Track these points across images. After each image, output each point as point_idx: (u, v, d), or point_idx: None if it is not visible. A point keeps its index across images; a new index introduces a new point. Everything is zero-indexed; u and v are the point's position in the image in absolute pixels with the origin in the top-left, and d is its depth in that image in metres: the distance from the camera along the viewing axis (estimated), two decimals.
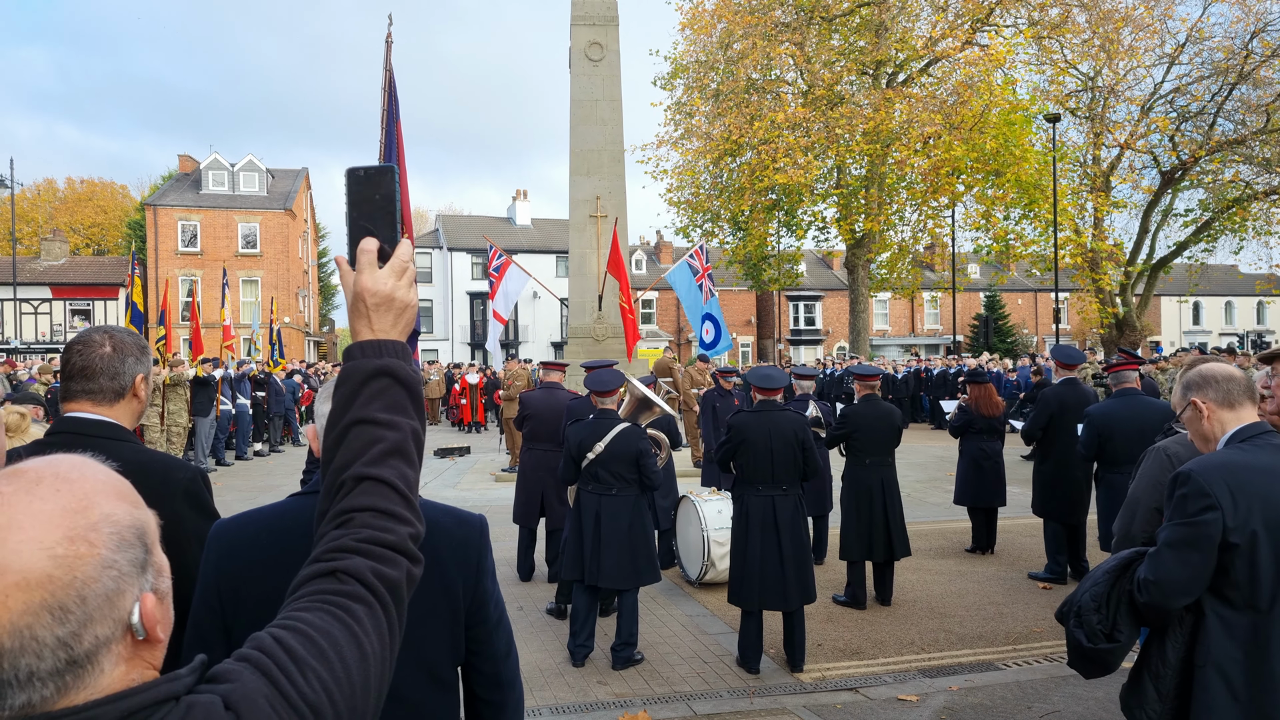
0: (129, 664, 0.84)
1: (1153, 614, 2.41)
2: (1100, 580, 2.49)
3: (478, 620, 1.79)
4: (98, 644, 0.81)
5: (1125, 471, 5.35)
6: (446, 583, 1.75)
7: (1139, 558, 2.45)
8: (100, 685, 0.81)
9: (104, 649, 0.81)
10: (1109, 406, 6.04)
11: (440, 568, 1.75)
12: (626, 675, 5.30)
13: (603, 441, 5.22)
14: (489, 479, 13.71)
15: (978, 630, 6.07)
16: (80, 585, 0.80)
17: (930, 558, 8.19)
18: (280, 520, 1.70)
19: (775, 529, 5.19)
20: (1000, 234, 26.45)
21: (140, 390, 2.11)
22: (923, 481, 13.16)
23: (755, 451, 5.20)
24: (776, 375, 5.41)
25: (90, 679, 0.81)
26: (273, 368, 18.63)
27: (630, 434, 5.27)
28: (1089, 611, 2.50)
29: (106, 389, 2.04)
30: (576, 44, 15.11)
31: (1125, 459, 5.60)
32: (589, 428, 5.33)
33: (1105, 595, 2.47)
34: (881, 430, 6.70)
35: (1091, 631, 2.50)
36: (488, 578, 1.81)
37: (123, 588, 0.83)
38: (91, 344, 2.04)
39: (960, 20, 26.83)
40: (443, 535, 1.77)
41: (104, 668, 0.81)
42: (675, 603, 6.86)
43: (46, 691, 0.78)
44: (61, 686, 0.79)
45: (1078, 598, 2.53)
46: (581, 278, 14.94)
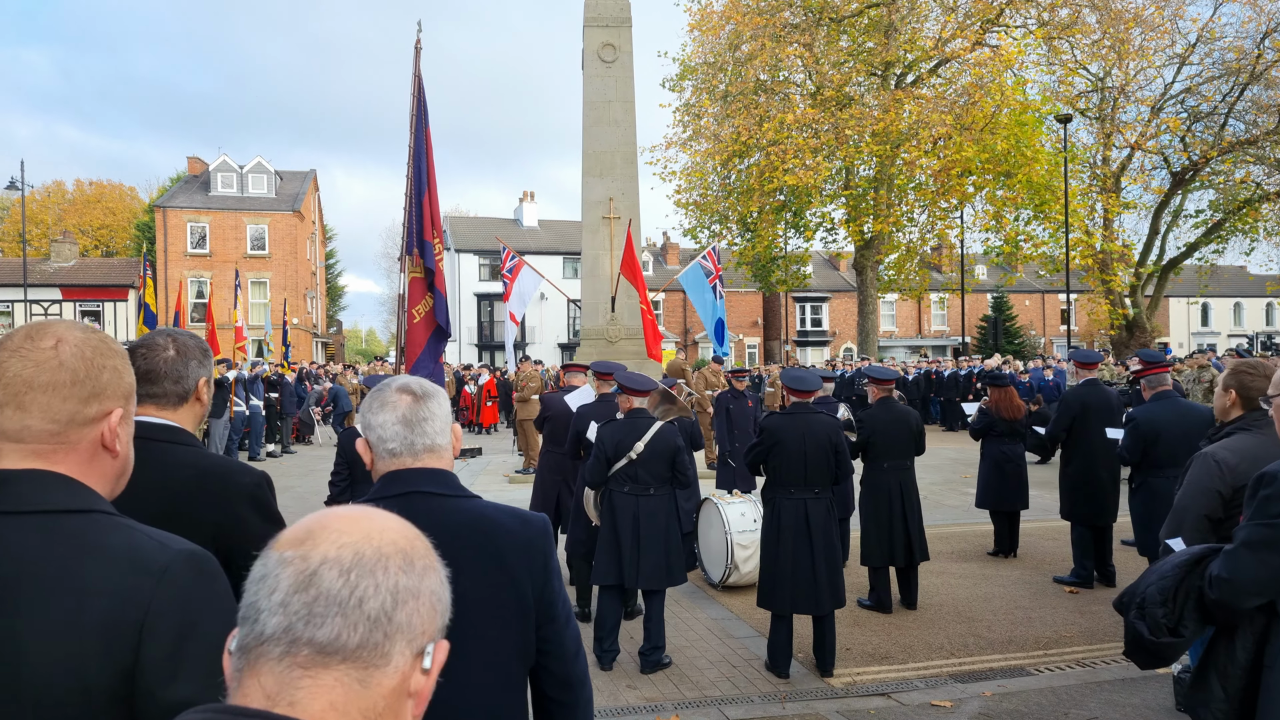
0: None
1: (1222, 612, 2.37)
2: (1169, 574, 2.45)
3: (547, 619, 1.78)
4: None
5: (1168, 475, 5.29)
6: (515, 584, 1.74)
7: (1211, 554, 2.41)
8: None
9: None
10: (1153, 409, 5.96)
11: (507, 569, 1.74)
12: (655, 679, 5.27)
13: (643, 441, 5.18)
14: (503, 480, 13.69)
15: (1007, 635, 6.03)
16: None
17: (952, 561, 8.14)
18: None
19: (807, 532, 5.16)
20: (1011, 235, 26.37)
21: (203, 394, 2.08)
22: (938, 484, 13.09)
23: (788, 454, 5.17)
24: (810, 378, 5.38)
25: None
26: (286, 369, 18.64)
27: (668, 432, 5.25)
28: (1154, 604, 2.46)
29: (170, 393, 2.01)
30: (589, 46, 15.08)
31: (1169, 462, 5.54)
32: (625, 428, 5.28)
33: (1173, 589, 2.43)
34: (899, 434, 6.65)
35: (1155, 624, 2.46)
36: (555, 577, 1.80)
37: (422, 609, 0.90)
38: (155, 347, 2.02)
39: (970, 21, 26.76)
40: (507, 536, 1.76)
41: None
42: (699, 606, 6.83)
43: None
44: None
45: (1141, 589, 2.50)
46: (594, 279, 14.90)
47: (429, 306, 6.22)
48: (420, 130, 5.87)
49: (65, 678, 1.14)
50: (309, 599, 0.82)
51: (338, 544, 0.85)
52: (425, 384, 1.84)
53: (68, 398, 1.27)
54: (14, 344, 1.27)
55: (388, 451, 1.76)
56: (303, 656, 0.81)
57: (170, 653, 1.17)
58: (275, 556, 0.86)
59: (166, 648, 1.17)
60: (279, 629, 0.82)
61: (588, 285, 15.01)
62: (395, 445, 1.75)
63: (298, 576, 0.83)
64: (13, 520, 1.21)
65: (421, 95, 5.93)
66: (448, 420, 1.83)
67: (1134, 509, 6.11)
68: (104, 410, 1.31)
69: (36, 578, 1.17)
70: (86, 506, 1.26)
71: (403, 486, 1.74)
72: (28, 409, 1.25)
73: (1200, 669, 2.55)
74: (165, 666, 1.17)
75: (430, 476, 1.76)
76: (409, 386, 1.81)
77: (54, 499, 1.24)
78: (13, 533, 1.20)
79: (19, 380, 1.25)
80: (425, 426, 1.77)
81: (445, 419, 1.82)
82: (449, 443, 1.82)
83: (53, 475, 1.26)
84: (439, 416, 1.80)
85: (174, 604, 1.19)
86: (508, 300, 13.89)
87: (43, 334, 1.29)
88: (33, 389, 1.25)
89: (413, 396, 1.79)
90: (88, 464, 1.30)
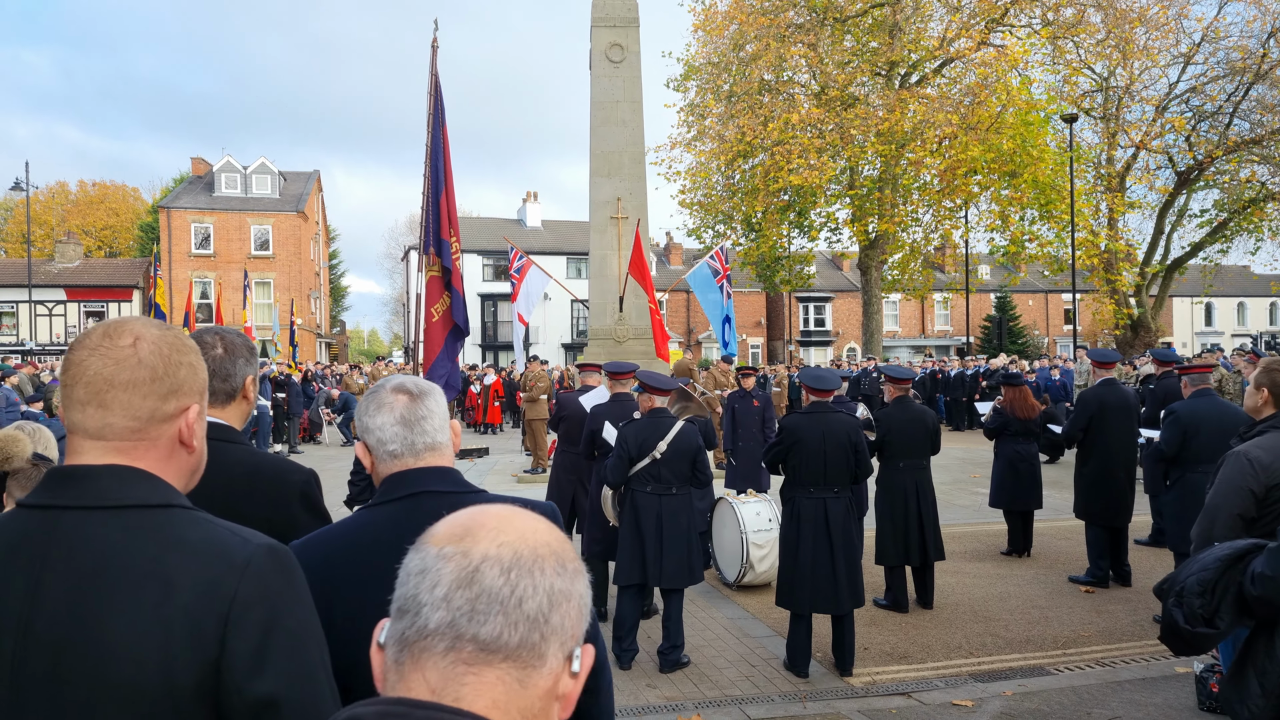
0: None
1: (1264, 608, 2.37)
2: (1210, 566, 2.45)
3: None
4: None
5: (1204, 471, 5.29)
6: None
7: (1255, 549, 2.41)
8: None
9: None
10: (1193, 404, 5.98)
11: None
12: (675, 678, 5.27)
13: (665, 440, 5.19)
14: (511, 480, 13.69)
15: (1024, 634, 6.02)
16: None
17: (967, 560, 8.14)
18: (357, 534, 1.69)
19: (827, 532, 5.16)
20: (1017, 235, 26.36)
21: (250, 392, 2.09)
22: (948, 484, 13.07)
23: (808, 453, 5.17)
24: (830, 376, 5.38)
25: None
26: (293, 368, 18.65)
27: (690, 431, 5.25)
28: (1192, 594, 2.47)
29: (219, 391, 2.02)
30: (597, 46, 15.09)
31: (1208, 458, 5.55)
32: (648, 427, 5.28)
33: (1213, 582, 2.44)
34: (915, 433, 6.66)
35: (1192, 614, 2.47)
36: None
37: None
38: (204, 345, 2.02)
39: (974, 20, 26.75)
40: None
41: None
42: (715, 605, 6.83)
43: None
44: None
45: (1182, 578, 2.51)
46: (602, 279, 14.90)
47: (446, 305, 6.23)
48: (437, 129, 5.87)
49: (152, 672, 1.14)
50: (472, 595, 0.82)
51: (497, 542, 0.85)
52: (421, 382, 1.81)
53: (148, 395, 1.27)
54: (92, 342, 1.28)
55: (388, 454, 1.73)
56: (467, 653, 0.82)
57: (256, 646, 1.18)
58: (434, 551, 0.86)
59: (252, 641, 1.18)
60: (443, 624, 0.82)
61: (595, 285, 15.01)
62: (395, 446, 1.72)
63: (460, 572, 0.83)
64: (96, 515, 1.21)
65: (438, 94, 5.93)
66: (446, 417, 1.80)
67: (1168, 505, 6.13)
68: (182, 406, 1.32)
69: (121, 572, 1.18)
70: (167, 501, 1.26)
71: (410, 487, 1.71)
72: (109, 406, 1.25)
73: (1238, 666, 2.56)
74: (251, 660, 1.17)
75: (436, 475, 1.73)
76: (404, 386, 1.78)
77: (136, 494, 1.24)
78: (96, 528, 1.20)
79: (100, 379, 1.25)
80: (424, 425, 1.74)
81: (443, 416, 1.79)
82: (449, 440, 1.79)
83: (133, 470, 1.26)
84: (437, 414, 1.77)
85: (258, 597, 1.20)
86: (515, 301, 13.88)
87: (121, 331, 1.29)
88: (114, 387, 1.26)
89: (409, 395, 1.76)
90: (166, 459, 1.31)
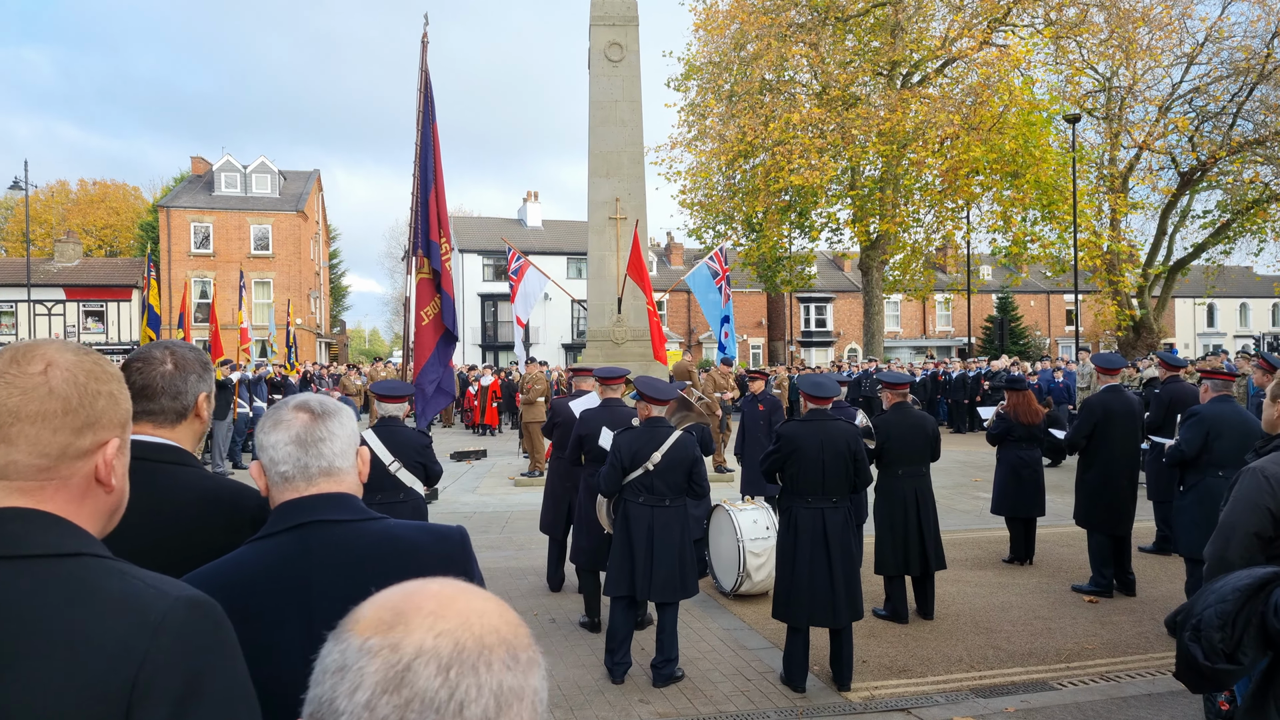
0: None
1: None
2: (1229, 598, 2.30)
3: None
4: None
5: (1229, 475, 5.17)
6: None
7: (1276, 578, 2.27)
8: None
9: None
10: (1216, 408, 5.86)
11: None
12: (668, 693, 5.14)
13: (660, 450, 5.05)
14: (508, 483, 13.57)
15: (1027, 647, 5.89)
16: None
17: (968, 569, 8.00)
18: (239, 573, 1.54)
19: (825, 543, 5.03)
20: (1019, 236, 26.21)
21: (203, 410, 1.95)
22: (949, 488, 12.94)
23: (806, 462, 5.03)
24: (828, 383, 5.24)
25: None
26: (290, 370, 18.53)
27: (686, 441, 5.11)
28: (1211, 628, 2.32)
29: (168, 410, 1.88)
30: (596, 45, 14.95)
31: (1228, 462, 5.44)
32: (643, 436, 5.14)
33: (1233, 614, 2.29)
34: (914, 439, 6.52)
35: (1211, 649, 2.32)
36: None
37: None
38: (152, 361, 1.89)
39: (977, 20, 26.59)
40: (421, 555, 1.61)
41: None
42: (711, 615, 6.69)
43: None
44: None
45: (1198, 610, 2.36)
46: (600, 280, 14.76)
47: (437, 309, 6.10)
48: (427, 127, 5.74)
49: None
50: (401, 702, 0.68)
51: (434, 630, 0.71)
52: (329, 402, 1.69)
53: (59, 428, 1.14)
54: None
55: (280, 475, 1.60)
56: None
57: (171, 715, 1.04)
58: (356, 643, 0.72)
59: (165, 711, 1.04)
60: None
61: (593, 286, 14.88)
62: (287, 468, 1.60)
63: (387, 673, 0.69)
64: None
65: (429, 91, 5.80)
66: (351, 441, 1.66)
67: (1182, 510, 5.99)
68: (99, 441, 1.18)
69: (23, 631, 1.04)
70: (79, 549, 1.13)
71: (298, 517, 1.57)
72: (14, 442, 1.12)
73: (1257, 697, 2.42)
74: None
75: (329, 502, 1.60)
76: (307, 403, 1.65)
77: (43, 541, 1.11)
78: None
79: (3, 411, 1.12)
80: (321, 447, 1.61)
81: (348, 439, 1.65)
82: (351, 465, 1.65)
83: (40, 514, 1.13)
84: (339, 437, 1.63)
85: (173, 660, 1.06)
86: (513, 302, 13.75)
87: (30, 357, 1.16)
88: (19, 420, 1.12)
89: (310, 414, 1.63)
90: (79, 501, 1.18)
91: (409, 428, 5.45)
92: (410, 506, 5.29)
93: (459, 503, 12.00)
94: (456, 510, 11.41)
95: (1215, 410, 5.82)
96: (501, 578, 7.79)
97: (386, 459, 5.22)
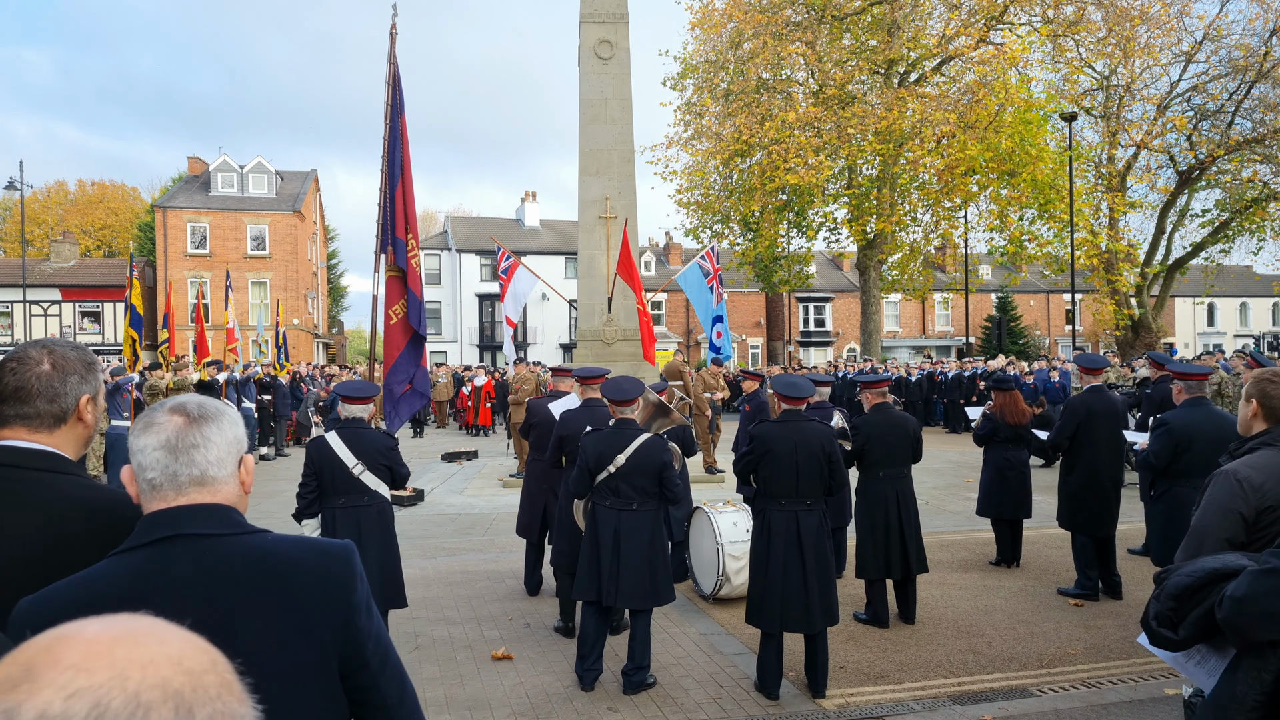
0: None
1: (1232, 634, 2.14)
2: (1194, 573, 2.26)
3: (355, 666, 1.51)
4: None
5: (1195, 485, 5.03)
6: (309, 630, 1.46)
7: (1239, 574, 2.16)
8: None
9: None
10: (1187, 414, 5.61)
11: (299, 613, 1.46)
12: (638, 701, 5.02)
13: (624, 454, 4.92)
14: (496, 484, 13.45)
15: (1008, 651, 5.76)
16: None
17: (953, 571, 7.88)
18: (88, 591, 1.41)
19: (799, 546, 4.90)
20: (1016, 235, 26.07)
21: (86, 413, 1.83)
22: (940, 489, 12.83)
23: (779, 464, 4.91)
24: (802, 384, 5.11)
25: None
26: (279, 370, 18.41)
27: (654, 445, 4.97)
28: (1167, 595, 2.32)
29: (45, 413, 1.76)
30: (586, 42, 14.85)
31: (1200, 472, 5.26)
32: (609, 438, 5.03)
33: (1191, 589, 2.27)
34: (895, 440, 6.39)
35: (1160, 614, 2.33)
36: (360, 614, 1.53)
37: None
38: (27, 361, 1.77)
39: (974, 18, 26.47)
40: (299, 573, 1.48)
41: None
42: (689, 619, 6.57)
43: None
44: None
45: (1175, 575, 2.33)
46: (590, 279, 14.65)
47: (406, 308, 5.98)
48: (395, 120, 5.62)
49: None
50: None
51: (67, 690, 0.57)
52: (209, 404, 1.56)
53: None
54: None
55: (148, 483, 1.48)
56: None
57: None
58: None
59: None
60: None
61: (584, 285, 14.77)
62: (155, 475, 1.48)
63: None
64: None
65: (397, 83, 5.68)
66: (232, 448, 1.54)
67: (1154, 517, 5.83)
68: None
69: None
70: None
71: (161, 530, 1.45)
72: None
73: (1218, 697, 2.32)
74: None
75: (199, 514, 1.47)
76: (184, 405, 1.52)
77: None
78: None
79: None
80: (194, 454, 1.48)
81: (228, 446, 1.53)
82: (230, 475, 1.53)
83: None
84: (217, 444, 1.51)
85: None
86: (503, 302, 13.64)
87: None
88: None
89: (185, 417, 1.50)
90: None
91: (374, 429, 5.33)
92: (375, 510, 5.18)
93: (446, 504, 11.89)
94: (442, 511, 11.30)
95: (1185, 419, 5.57)
96: (480, 581, 7.68)
97: (350, 461, 5.10)
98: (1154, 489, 5.77)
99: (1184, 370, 5.94)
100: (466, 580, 7.72)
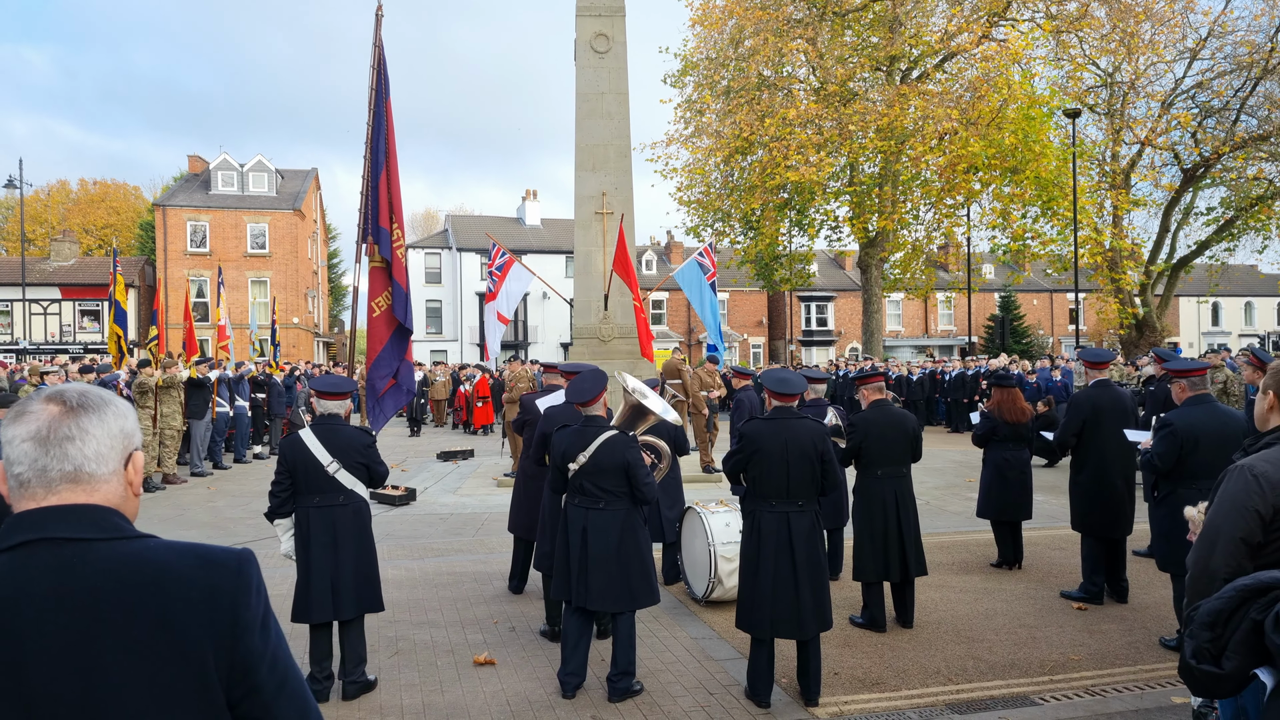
0: None
1: None
2: (1226, 595, 2.00)
3: (246, 691, 1.32)
4: None
5: (1200, 487, 4.81)
6: (187, 650, 1.27)
7: None
8: None
9: None
10: (1190, 414, 5.36)
11: (175, 631, 1.27)
12: (623, 709, 4.82)
13: (586, 452, 4.73)
14: (491, 484, 13.27)
15: (1009, 658, 5.56)
16: None
17: (953, 573, 7.68)
18: None
19: (790, 549, 4.70)
20: (1019, 233, 25.84)
21: None
22: (941, 488, 12.62)
23: (770, 463, 4.71)
24: (793, 379, 4.91)
25: None
26: (273, 369, 18.25)
27: (616, 443, 4.76)
28: (1201, 626, 2.03)
29: None
30: (582, 36, 14.66)
31: (1204, 473, 5.02)
32: (574, 436, 4.84)
33: (1226, 612, 1.98)
34: (893, 438, 6.18)
35: (1199, 649, 2.04)
36: (252, 633, 1.33)
37: None
38: None
39: (976, 14, 26.23)
40: (178, 586, 1.29)
41: None
42: (680, 623, 6.38)
43: None
44: None
45: (1204, 604, 2.07)
46: (587, 276, 14.46)
47: (390, 300, 5.78)
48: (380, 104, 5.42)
49: None
50: None
51: None
52: (92, 393, 1.38)
53: None
54: None
55: (16, 480, 1.31)
56: None
57: None
58: None
59: None
60: None
61: (580, 283, 14.57)
62: (23, 470, 1.31)
63: None
64: None
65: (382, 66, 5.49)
66: (117, 443, 1.36)
67: (1157, 521, 5.59)
68: None
69: None
70: None
71: (23, 534, 1.28)
72: None
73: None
74: None
75: (68, 516, 1.30)
76: (62, 394, 1.34)
77: None
78: None
79: None
80: (67, 447, 1.31)
81: (111, 440, 1.35)
82: (112, 473, 1.35)
83: None
84: (96, 436, 1.33)
85: None
86: (492, 300, 13.44)
87: None
88: None
89: (61, 406, 1.32)
90: None
91: (351, 426, 5.13)
92: (351, 510, 4.98)
93: (438, 504, 11.70)
94: (434, 511, 11.11)
95: (1189, 418, 5.33)
96: (467, 583, 7.50)
97: (325, 460, 4.91)
98: (1157, 491, 5.54)
99: (1181, 366, 5.69)
100: (453, 582, 7.53)
